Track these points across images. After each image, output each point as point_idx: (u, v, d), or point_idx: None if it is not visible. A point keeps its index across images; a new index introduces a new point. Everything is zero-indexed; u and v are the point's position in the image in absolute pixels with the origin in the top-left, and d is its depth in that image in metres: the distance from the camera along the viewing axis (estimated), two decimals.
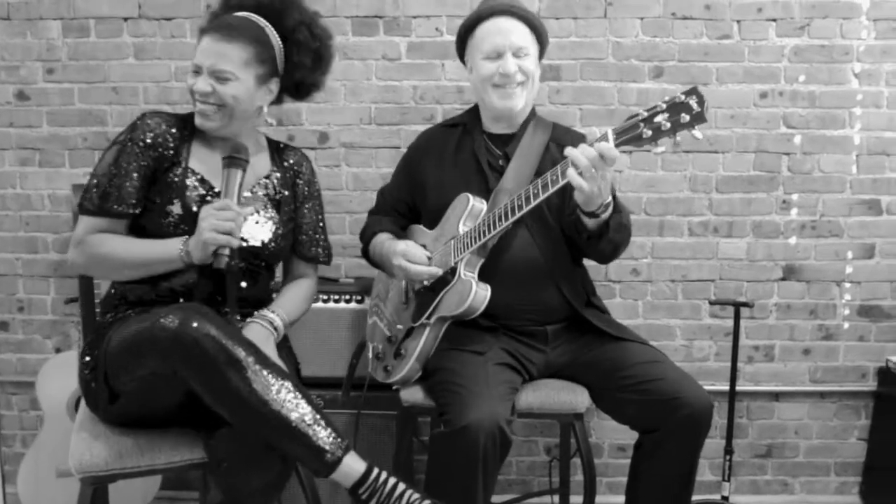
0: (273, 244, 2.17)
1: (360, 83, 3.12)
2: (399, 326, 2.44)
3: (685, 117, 1.88)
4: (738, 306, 2.93)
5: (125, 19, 3.06)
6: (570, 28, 3.08)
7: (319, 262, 2.37)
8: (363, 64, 3.11)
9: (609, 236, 2.20)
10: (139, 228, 2.09)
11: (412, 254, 2.32)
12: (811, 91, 3.10)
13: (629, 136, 1.95)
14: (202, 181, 2.11)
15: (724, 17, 3.07)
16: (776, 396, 3.26)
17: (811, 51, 3.08)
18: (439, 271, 2.29)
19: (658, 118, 1.91)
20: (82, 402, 2.12)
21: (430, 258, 2.33)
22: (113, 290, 2.15)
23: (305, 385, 1.91)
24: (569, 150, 2.01)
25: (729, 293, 3.18)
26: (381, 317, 2.57)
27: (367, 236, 2.56)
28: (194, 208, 2.05)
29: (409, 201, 2.56)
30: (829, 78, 3.09)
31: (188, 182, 2.09)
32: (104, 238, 2.05)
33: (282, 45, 2.19)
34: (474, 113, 2.51)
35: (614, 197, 2.16)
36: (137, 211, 2.07)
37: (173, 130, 2.12)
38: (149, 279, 2.06)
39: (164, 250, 2.00)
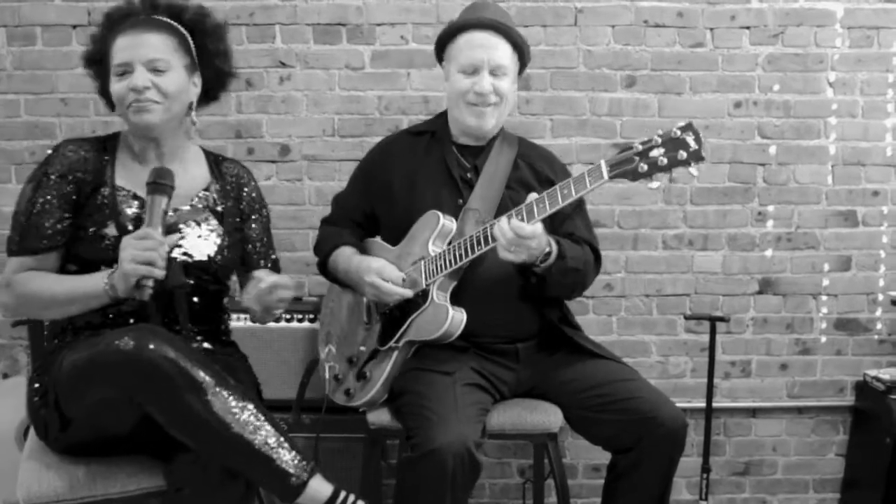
0: (219, 257, 2.15)
1: (322, 93, 3.13)
2: (362, 348, 2.43)
3: (682, 154, 1.92)
4: (713, 321, 2.96)
5: (74, 27, 3.05)
6: (540, 36, 3.12)
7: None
8: (325, 73, 3.13)
9: (555, 280, 2.24)
10: (77, 258, 2.05)
11: (388, 273, 2.31)
12: (786, 100, 3.16)
13: (624, 170, 1.98)
14: (134, 197, 2.09)
15: (697, 24, 3.13)
16: (753, 413, 3.31)
17: (785, 59, 3.15)
18: (410, 293, 2.30)
19: (654, 153, 1.95)
20: (31, 430, 2.10)
21: (404, 279, 2.33)
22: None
23: (267, 408, 1.91)
24: (495, 231, 2.10)
25: (704, 307, 3.23)
26: (336, 341, 2.55)
27: (325, 248, 2.53)
28: (130, 227, 2.03)
29: (368, 210, 2.53)
30: (804, 87, 3.16)
31: (119, 200, 2.07)
32: (30, 276, 2.02)
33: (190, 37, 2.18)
34: (443, 121, 2.50)
35: (559, 243, 2.20)
36: (60, 244, 2.03)
37: (90, 155, 2.09)
38: None
39: (90, 285, 1.96)
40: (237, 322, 2.80)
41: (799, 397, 3.29)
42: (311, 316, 2.86)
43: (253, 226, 2.29)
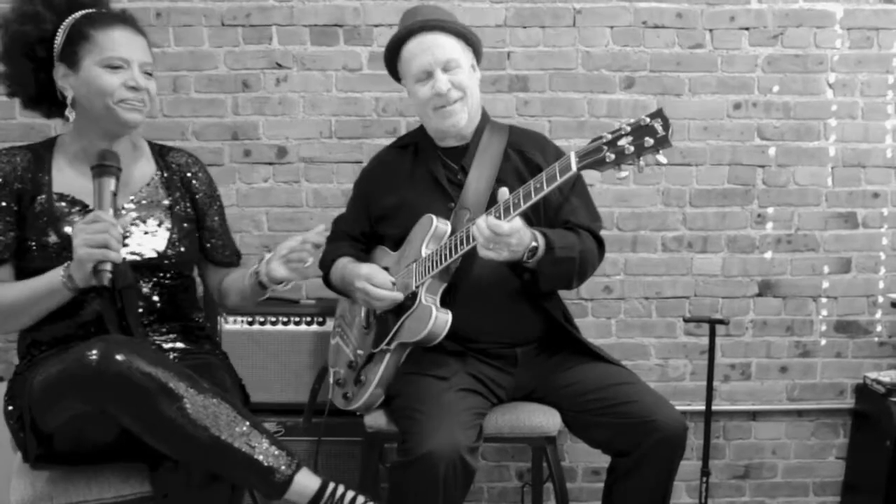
0: (171, 251, 2.13)
1: (319, 95, 3.14)
2: (360, 352, 2.45)
3: (649, 141, 1.90)
4: (713, 323, 2.95)
5: None
6: (538, 37, 3.12)
7: (235, 266, 2.36)
8: (322, 75, 3.13)
9: (548, 273, 2.24)
10: (27, 271, 2.02)
11: (376, 278, 2.32)
12: (785, 102, 3.17)
13: (592, 160, 1.97)
14: (73, 202, 2.07)
15: (697, 25, 3.14)
16: (753, 416, 3.31)
17: (785, 60, 3.16)
18: (400, 296, 2.30)
19: (621, 142, 1.93)
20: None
21: (394, 283, 2.33)
22: (24, 335, 2.11)
23: (262, 412, 1.90)
24: (472, 230, 2.09)
25: (704, 310, 3.23)
26: (346, 339, 2.57)
27: (326, 262, 2.56)
28: (69, 231, 2.00)
29: (366, 230, 2.56)
30: (804, 88, 3.17)
31: (57, 207, 2.05)
32: None
33: None
34: (423, 130, 2.51)
35: (545, 235, 2.19)
36: (6, 257, 2.02)
37: (25, 164, 2.07)
38: (56, 316, 2.01)
39: (46, 282, 1.94)
40: (234, 325, 2.81)
41: (799, 400, 3.30)
42: (308, 319, 2.86)
43: (216, 217, 2.30)
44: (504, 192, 2.11)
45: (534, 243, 2.15)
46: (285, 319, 2.84)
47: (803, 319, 3.26)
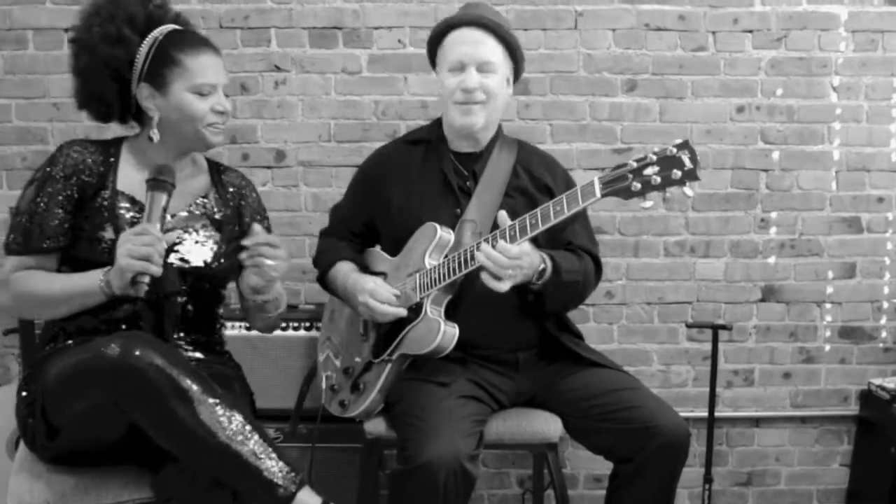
0: (215, 264, 2.17)
1: (318, 98, 3.14)
2: (357, 359, 2.44)
3: (677, 173, 1.90)
4: (716, 329, 2.95)
5: (66, 30, 3.03)
6: (540, 40, 3.13)
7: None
8: (321, 78, 3.14)
9: (553, 296, 2.26)
10: (74, 260, 2.08)
11: (380, 294, 2.30)
12: (789, 105, 3.18)
13: (617, 188, 1.97)
14: (133, 202, 2.11)
15: (699, 28, 3.14)
16: (756, 422, 3.32)
17: (789, 63, 3.17)
18: (404, 312, 2.28)
19: (647, 171, 1.93)
20: (22, 441, 2.10)
21: (397, 296, 2.32)
22: (53, 323, 2.13)
23: (262, 418, 1.92)
24: (478, 256, 2.10)
25: (707, 315, 3.24)
26: (333, 349, 2.57)
27: (324, 263, 2.54)
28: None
29: (368, 222, 2.53)
30: (808, 91, 3.18)
31: (118, 205, 2.09)
32: (29, 275, 2.05)
33: None
34: (437, 128, 2.50)
35: (553, 258, 2.20)
36: (62, 244, 2.06)
37: (95, 158, 2.11)
38: (89, 310, 2.04)
39: (85, 283, 1.98)
40: (233, 331, 2.81)
41: (803, 406, 3.30)
42: (308, 324, 2.87)
43: None
44: (504, 217, 2.12)
45: (542, 265, 2.17)
46: (284, 324, 2.84)
47: (807, 325, 3.27)
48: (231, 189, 2.30)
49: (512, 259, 2.07)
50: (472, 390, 2.26)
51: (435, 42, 2.43)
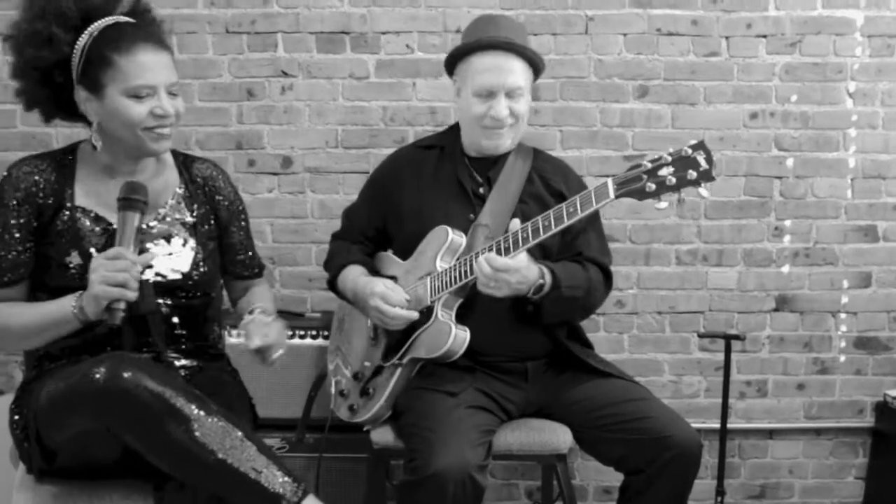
0: (195, 273, 2.11)
1: (325, 103, 3.16)
2: (367, 364, 2.45)
3: (692, 174, 1.92)
4: (728, 339, 2.93)
5: None
6: (550, 45, 3.14)
7: (258, 278, 2.37)
8: (329, 83, 3.15)
9: (550, 310, 2.28)
10: (45, 287, 2.02)
11: (391, 298, 2.31)
12: (804, 111, 3.18)
13: (631, 189, 1.99)
14: (97, 219, 2.04)
15: (712, 33, 3.15)
16: (769, 434, 3.31)
17: (803, 69, 3.16)
18: (416, 315, 2.30)
19: (662, 171, 1.95)
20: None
21: (408, 300, 2.33)
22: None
23: (267, 427, 1.90)
24: (475, 263, 2.14)
25: (719, 325, 3.23)
26: (343, 356, 2.58)
27: (334, 266, 2.56)
28: (94, 253, 1.98)
29: (380, 226, 2.55)
30: (823, 98, 3.18)
31: (81, 224, 2.02)
32: None
33: None
34: (453, 135, 2.52)
35: (553, 272, 2.22)
36: (25, 275, 2.01)
37: (48, 176, 2.03)
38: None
39: (58, 311, 1.91)
40: (237, 338, 2.81)
41: (817, 418, 3.29)
42: (314, 332, 2.87)
43: (236, 234, 2.27)
44: (516, 225, 2.14)
45: (540, 280, 2.19)
46: (290, 333, 2.84)
47: (822, 335, 3.26)
48: (199, 179, 2.21)
49: (496, 271, 2.09)
50: (480, 400, 2.27)
51: (458, 58, 2.41)
